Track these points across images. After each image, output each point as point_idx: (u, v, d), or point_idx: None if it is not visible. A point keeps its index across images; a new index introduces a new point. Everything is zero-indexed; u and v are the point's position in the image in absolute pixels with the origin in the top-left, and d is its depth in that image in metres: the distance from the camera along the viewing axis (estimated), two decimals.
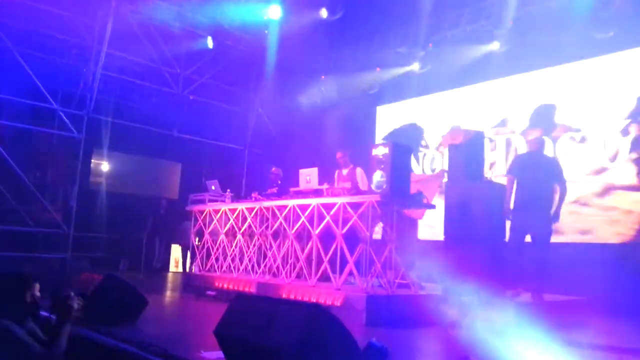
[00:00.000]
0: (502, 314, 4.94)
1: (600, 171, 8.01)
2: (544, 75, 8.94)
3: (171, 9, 10.26)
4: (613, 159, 7.89)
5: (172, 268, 12.18)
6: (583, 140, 8.26)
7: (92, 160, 12.23)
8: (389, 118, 11.42)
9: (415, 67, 10.57)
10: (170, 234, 11.77)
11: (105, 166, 12.74)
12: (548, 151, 8.58)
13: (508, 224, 6.17)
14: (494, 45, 9.38)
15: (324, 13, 9.62)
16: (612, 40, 7.94)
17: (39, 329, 2.88)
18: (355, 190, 6.37)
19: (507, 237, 6.16)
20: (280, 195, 7.15)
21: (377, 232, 6.74)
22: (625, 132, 7.83)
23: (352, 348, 2.65)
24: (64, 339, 2.80)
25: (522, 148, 8.93)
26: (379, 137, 11.32)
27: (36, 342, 2.72)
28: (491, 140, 9.31)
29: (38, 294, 2.85)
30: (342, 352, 2.60)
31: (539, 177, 5.99)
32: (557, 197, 6.12)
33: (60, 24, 10.33)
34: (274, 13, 10.16)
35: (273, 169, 8.12)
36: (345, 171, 7.12)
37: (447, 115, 10.09)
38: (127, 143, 11.93)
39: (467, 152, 6.36)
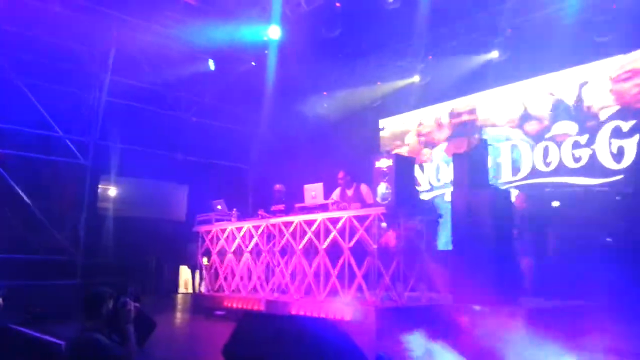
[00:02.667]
0: (512, 321, 4.91)
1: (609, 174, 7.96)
2: (544, 82, 8.94)
3: (171, 33, 10.41)
4: (619, 160, 7.85)
5: (181, 289, 12.17)
6: (588, 144, 8.22)
7: (100, 186, 12.30)
8: (391, 130, 11.44)
9: (415, 79, 10.64)
10: (178, 255, 11.77)
11: (112, 191, 12.81)
12: (553, 156, 8.57)
13: None
14: (493, 54, 9.43)
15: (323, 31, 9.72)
16: (611, 44, 7.95)
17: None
18: (362, 203, 6.38)
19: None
20: (286, 211, 7.15)
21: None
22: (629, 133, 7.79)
23: None
24: (133, 338, 3.23)
25: (527, 152, 8.92)
26: (382, 149, 11.33)
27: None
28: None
29: (110, 307, 3.28)
30: None
31: None
32: None
33: (63, 54, 10.51)
34: (274, 33, 10.27)
35: (276, 186, 8.12)
36: (350, 192, 7.04)
37: (451, 125, 10.12)
38: (133, 167, 11.99)
39: (471, 160, 6.35)
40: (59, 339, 4.39)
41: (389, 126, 11.52)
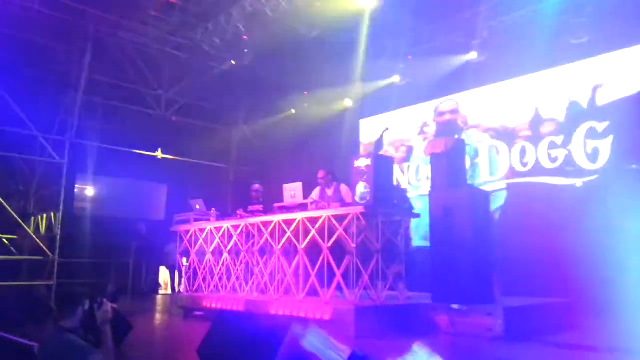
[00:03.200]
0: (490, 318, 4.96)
1: (581, 174, 8.10)
2: (522, 83, 9.06)
3: (149, 31, 10.30)
4: (594, 160, 7.99)
5: (161, 290, 12.05)
6: (564, 144, 8.35)
7: (77, 185, 12.12)
8: (372, 131, 11.48)
9: (395, 79, 10.70)
10: (156, 256, 11.66)
11: (90, 191, 12.64)
12: (530, 156, 8.69)
13: None
14: (472, 55, 9.53)
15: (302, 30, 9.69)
16: (587, 46, 8.09)
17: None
18: (342, 202, 6.39)
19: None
20: (264, 211, 7.12)
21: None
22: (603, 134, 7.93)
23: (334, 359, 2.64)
24: (109, 340, 3.19)
25: (505, 153, 9.03)
26: (362, 150, 11.37)
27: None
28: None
29: (86, 308, 3.23)
30: None
31: None
32: None
33: (39, 51, 10.33)
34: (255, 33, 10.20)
35: (254, 186, 8.08)
36: (329, 191, 7.04)
37: (430, 126, 10.19)
38: (111, 167, 11.86)
39: (448, 160, 6.41)
40: (32, 340, 4.32)
41: (369, 126, 11.56)
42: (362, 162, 5.93)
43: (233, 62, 10.93)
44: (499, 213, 8.80)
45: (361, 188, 5.87)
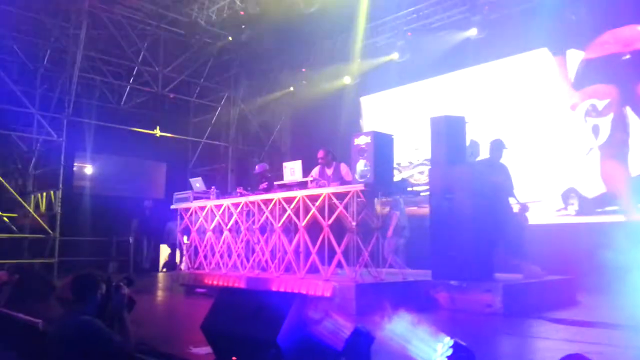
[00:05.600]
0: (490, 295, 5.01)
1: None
2: (522, 60, 8.99)
3: (146, 7, 10.17)
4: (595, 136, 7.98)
5: (161, 268, 12.13)
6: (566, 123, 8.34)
7: (75, 164, 12.11)
8: (372, 108, 11.43)
9: (395, 56, 10.60)
10: (157, 234, 11.70)
11: (89, 169, 12.62)
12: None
13: None
14: (472, 32, 9.43)
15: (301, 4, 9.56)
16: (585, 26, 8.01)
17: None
18: (341, 181, 6.39)
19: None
20: (269, 189, 7.12)
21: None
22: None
23: (338, 335, 2.67)
24: (129, 324, 3.17)
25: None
26: (364, 127, 11.33)
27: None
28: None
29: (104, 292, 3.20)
30: (327, 339, 2.62)
31: None
32: None
33: (35, 28, 10.21)
34: (252, 8, 10.08)
35: (257, 167, 8.06)
36: (329, 171, 7.03)
37: (429, 102, 10.13)
38: (110, 145, 11.84)
39: (448, 137, 6.38)
40: (36, 318, 4.36)
41: (369, 103, 11.50)
42: (362, 140, 5.91)
43: (230, 39, 10.81)
44: None
45: (361, 166, 5.86)
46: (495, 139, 6.69)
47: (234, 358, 2.87)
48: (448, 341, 2.24)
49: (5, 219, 10.00)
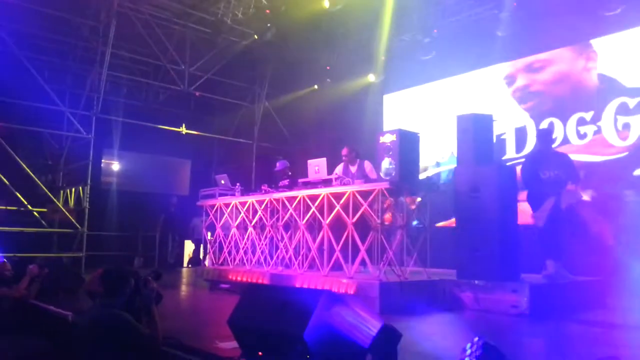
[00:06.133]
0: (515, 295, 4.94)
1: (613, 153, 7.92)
2: (550, 57, 8.84)
3: (173, 6, 10.29)
4: (624, 137, 7.79)
5: (186, 263, 12.28)
6: (593, 120, 8.16)
7: (103, 160, 12.35)
8: (396, 106, 11.37)
9: (420, 54, 10.50)
10: (182, 229, 11.85)
11: (116, 166, 12.86)
12: (558, 132, 8.51)
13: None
14: (499, 29, 9.28)
15: (325, 3, 9.53)
16: (621, 18, 7.82)
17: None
18: (365, 179, 6.38)
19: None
20: (291, 186, 7.15)
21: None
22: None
23: (365, 331, 2.67)
24: (157, 318, 3.23)
25: (532, 129, 8.87)
26: (386, 126, 11.26)
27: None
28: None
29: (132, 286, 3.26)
30: (354, 335, 2.61)
31: None
32: None
33: (64, 27, 10.43)
34: (278, 6, 10.09)
35: (277, 164, 8.07)
36: (353, 168, 7.02)
37: (455, 101, 10.03)
38: (136, 142, 12.03)
39: (475, 135, 6.31)
40: (66, 310, 4.45)
41: (392, 102, 11.44)
42: (387, 138, 5.89)
43: (256, 37, 10.85)
44: None
45: (386, 164, 5.84)
46: (542, 129, 6.58)
47: (260, 353, 2.89)
48: (477, 341, 2.21)
49: (35, 213, 10.25)
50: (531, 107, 9.03)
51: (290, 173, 7.90)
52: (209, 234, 8.81)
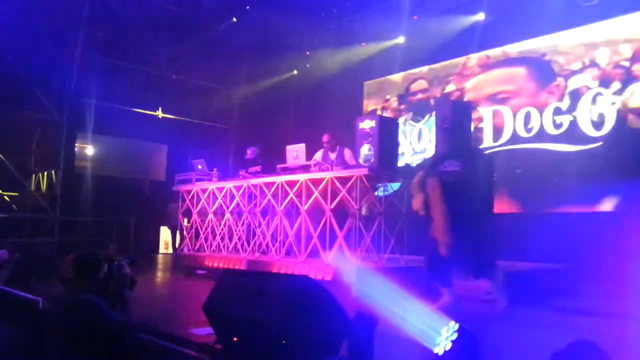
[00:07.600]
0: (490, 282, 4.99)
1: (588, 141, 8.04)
2: (530, 46, 8.89)
3: None
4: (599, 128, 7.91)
5: (161, 249, 12.16)
6: (569, 111, 8.26)
7: (77, 144, 12.06)
8: (375, 93, 11.34)
9: (400, 40, 10.48)
10: (158, 215, 11.70)
11: (90, 150, 12.58)
12: (535, 122, 8.60)
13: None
14: (479, 16, 9.32)
15: None
16: (597, 9, 7.89)
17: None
18: (344, 165, 6.35)
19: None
20: (264, 172, 7.07)
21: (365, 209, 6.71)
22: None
23: (341, 317, 2.65)
24: (130, 303, 3.20)
25: (509, 118, 8.94)
26: (366, 112, 11.24)
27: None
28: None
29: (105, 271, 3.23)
30: (330, 321, 2.60)
31: None
32: None
33: (37, 5, 10.09)
34: None
35: (248, 151, 7.91)
36: (333, 155, 6.98)
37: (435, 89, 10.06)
38: (111, 126, 11.77)
39: (453, 124, 6.31)
40: (37, 297, 4.35)
41: (372, 88, 11.41)
42: (367, 124, 5.87)
43: (234, 20, 10.69)
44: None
45: (365, 150, 5.83)
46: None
47: (235, 339, 2.85)
48: (453, 325, 2.22)
49: (6, 197, 10.00)
50: (509, 96, 9.09)
51: (260, 160, 7.77)
52: (185, 220, 8.70)
